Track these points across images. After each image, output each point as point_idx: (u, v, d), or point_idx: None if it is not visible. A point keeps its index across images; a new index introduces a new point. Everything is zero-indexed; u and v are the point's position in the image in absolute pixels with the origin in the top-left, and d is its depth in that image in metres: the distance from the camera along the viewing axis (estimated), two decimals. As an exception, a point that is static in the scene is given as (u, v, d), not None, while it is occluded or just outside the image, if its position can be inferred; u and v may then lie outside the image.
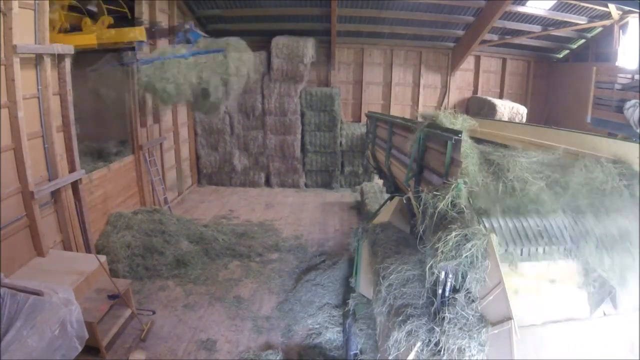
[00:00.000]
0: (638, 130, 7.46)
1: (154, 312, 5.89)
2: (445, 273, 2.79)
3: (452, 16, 11.57)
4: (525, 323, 2.62)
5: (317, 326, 5.64)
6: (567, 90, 12.94)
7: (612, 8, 10.56)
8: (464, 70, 13.59)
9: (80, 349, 4.11)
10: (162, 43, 9.30)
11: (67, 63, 6.19)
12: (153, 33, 8.87)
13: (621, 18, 10.81)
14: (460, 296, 2.77)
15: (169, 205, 9.94)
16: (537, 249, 2.97)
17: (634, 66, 9.78)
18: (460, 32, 12.39)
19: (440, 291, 2.91)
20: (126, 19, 8.79)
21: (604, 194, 3.15)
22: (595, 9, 10.79)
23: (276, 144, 12.29)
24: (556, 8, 10.99)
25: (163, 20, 9.90)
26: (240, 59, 7.87)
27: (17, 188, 5.43)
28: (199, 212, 10.31)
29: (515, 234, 3.03)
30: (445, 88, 13.62)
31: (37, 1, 5.67)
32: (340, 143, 12.30)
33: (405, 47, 13.18)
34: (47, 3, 5.85)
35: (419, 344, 2.94)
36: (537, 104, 13.96)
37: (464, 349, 2.60)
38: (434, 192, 3.18)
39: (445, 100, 13.65)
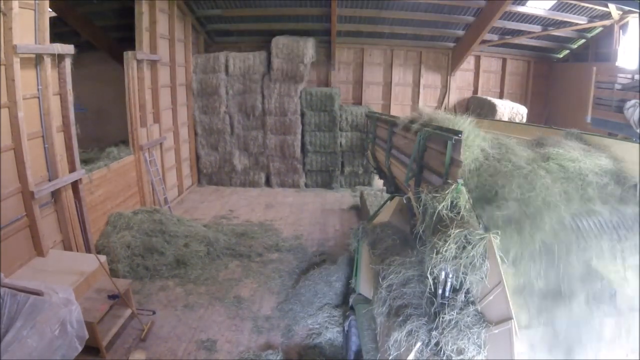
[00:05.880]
0: (638, 130, 7.47)
1: (154, 312, 5.89)
2: (445, 274, 2.79)
3: (452, 16, 11.58)
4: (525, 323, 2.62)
5: (317, 326, 5.62)
6: (567, 90, 12.94)
7: (612, 8, 10.56)
8: (464, 70, 13.59)
9: (80, 349, 4.11)
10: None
11: (67, 63, 6.19)
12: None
13: (621, 18, 10.81)
14: (460, 296, 2.77)
15: (169, 205, 9.94)
16: None
17: (634, 66, 9.79)
18: (460, 32, 12.39)
19: (440, 291, 2.91)
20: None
21: None
22: (595, 9, 10.80)
23: (276, 144, 12.29)
24: (556, 8, 11.00)
25: (163, 20, 9.91)
26: None
27: (17, 188, 5.43)
28: (199, 212, 10.30)
29: None
30: (445, 88, 13.62)
31: (37, 1, 5.67)
32: (340, 143, 12.29)
33: (405, 47, 13.17)
34: (47, 3, 5.85)
35: (419, 344, 2.94)
36: (537, 104, 13.96)
37: (464, 350, 2.60)
38: (434, 193, 3.18)
39: (445, 100, 13.65)
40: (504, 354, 2.45)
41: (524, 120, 12.23)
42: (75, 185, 6.50)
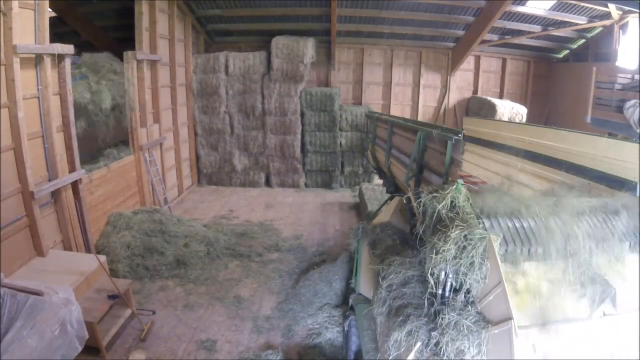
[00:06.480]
0: (638, 130, 7.48)
1: (154, 312, 5.89)
2: (445, 274, 2.79)
3: (452, 16, 11.58)
4: (525, 323, 2.62)
5: (317, 326, 5.62)
6: (567, 90, 12.95)
7: (612, 8, 10.56)
8: (464, 70, 13.59)
9: (80, 349, 4.11)
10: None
11: (67, 63, 6.20)
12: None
13: (621, 18, 10.82)
14: (460, 297, 2.77)
15: (169, 205, 9.94)
16: (536, 249, 2.95)
17: (634, 66, 9.79)
18: (460, 32, 12.40)
19: (440, 292, 2.91)
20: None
21: None
22: (595, 9, 10.80)
23: (276, 144, 12.29)
24: (556, 8, 11.00)
25: (163, 20, 9.91)
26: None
27: (17, 188, 5.43)
28: (199, 212, 10.30)
29: (514, 234, 3.00)
30: (445, 88, 13.62)
31: (37, 1, 5.67)
32: (340, 143, 12.29)
33: (405, 47, 13.18)
34: (47, 3, 5.85)
35: (419, 344, 2.94)
36: (537, 104, 13.96)
37: (464, 350, 2.60)
38: (434, 193, 3.18)
39: (445, 100, 13.66)
40: (504, 354, 2.45)
41: (524, 120, 12.24)
42: (75, 185, 6.50)
